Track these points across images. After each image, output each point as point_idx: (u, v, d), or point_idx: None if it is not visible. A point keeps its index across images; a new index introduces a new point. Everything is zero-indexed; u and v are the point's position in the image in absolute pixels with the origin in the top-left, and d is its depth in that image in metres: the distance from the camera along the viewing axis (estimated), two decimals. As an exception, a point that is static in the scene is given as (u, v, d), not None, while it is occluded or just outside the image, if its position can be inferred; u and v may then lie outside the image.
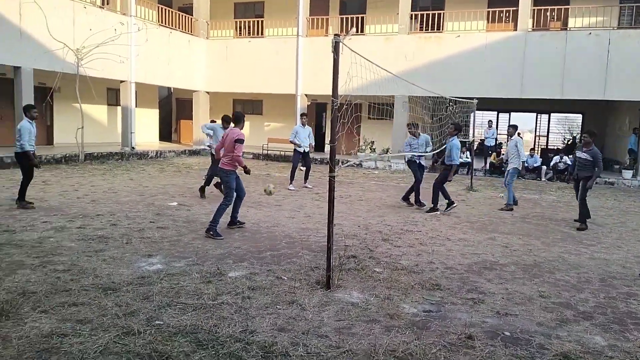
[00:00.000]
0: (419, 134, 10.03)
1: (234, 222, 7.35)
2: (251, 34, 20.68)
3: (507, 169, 10.48)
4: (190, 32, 19.97)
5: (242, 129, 6.99)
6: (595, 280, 5.59)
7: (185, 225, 7.44)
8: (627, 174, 15.78)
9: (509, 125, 11.23)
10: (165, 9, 18.88)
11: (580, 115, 22.27)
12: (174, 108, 24.72)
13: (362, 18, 19.30)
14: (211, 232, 6.72)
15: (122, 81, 17.17)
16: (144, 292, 4.59)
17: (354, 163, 17.17)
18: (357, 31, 18.22)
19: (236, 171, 6.96)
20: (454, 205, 9.44)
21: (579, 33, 16.05)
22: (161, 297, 4.48)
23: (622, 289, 5.33)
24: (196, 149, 20.01)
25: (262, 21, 20.74)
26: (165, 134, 23.90)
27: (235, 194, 7.05)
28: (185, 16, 19.75)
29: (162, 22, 18.75)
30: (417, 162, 9.94)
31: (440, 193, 9.44)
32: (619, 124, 19.88)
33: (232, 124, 7.53)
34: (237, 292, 4.68)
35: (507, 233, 7.91)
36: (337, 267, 5.32)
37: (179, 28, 19.40)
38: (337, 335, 3.86)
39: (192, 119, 20.94)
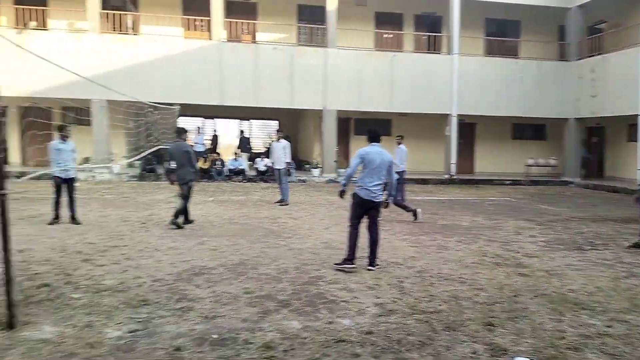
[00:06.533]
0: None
1: None
2: None
3: (277, 168, 11.89)
4: None
5: None
6: (292, 269, 6.23)
7: None
8: (316, 172, 18.39)
9: (277, 130, 12.33)
10: None
11: (277, 122, 24.84)
12: None
13: (44, 11, 17.05)
14: None
15: None
16: None
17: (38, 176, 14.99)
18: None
19: None
20: None
21: (266, 47, 17.84)
22: None
23: (313, 273, 6.08)
24: None
25: None
26: None
27: None
28: None
29: None
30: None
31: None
32: (306, 130, 23.02)
33: None
34: None
35: (216, 236, 8.14)
36: (21, 301, 4.48)
37: None
38: (20, 386, 3.23)
39: None
